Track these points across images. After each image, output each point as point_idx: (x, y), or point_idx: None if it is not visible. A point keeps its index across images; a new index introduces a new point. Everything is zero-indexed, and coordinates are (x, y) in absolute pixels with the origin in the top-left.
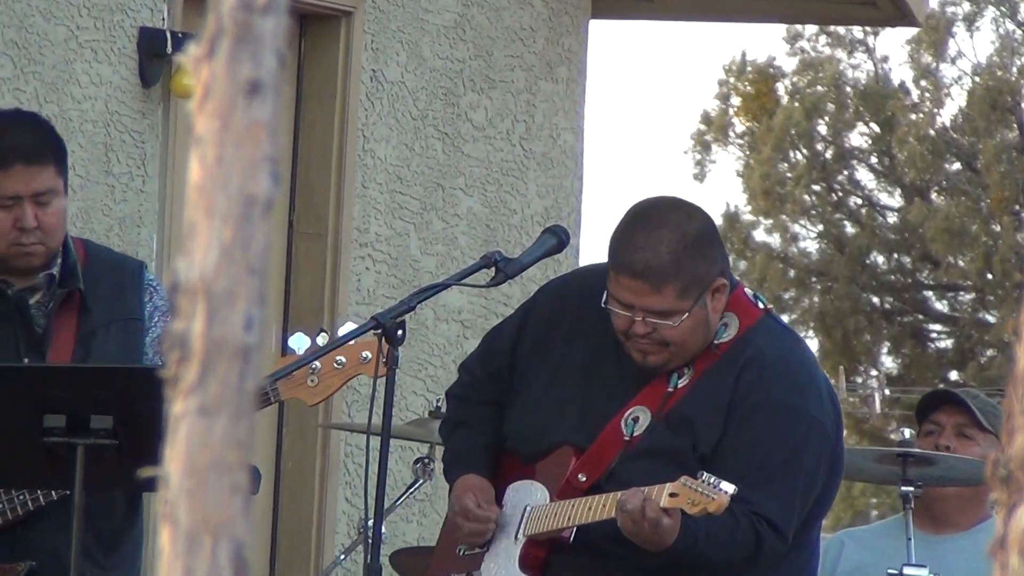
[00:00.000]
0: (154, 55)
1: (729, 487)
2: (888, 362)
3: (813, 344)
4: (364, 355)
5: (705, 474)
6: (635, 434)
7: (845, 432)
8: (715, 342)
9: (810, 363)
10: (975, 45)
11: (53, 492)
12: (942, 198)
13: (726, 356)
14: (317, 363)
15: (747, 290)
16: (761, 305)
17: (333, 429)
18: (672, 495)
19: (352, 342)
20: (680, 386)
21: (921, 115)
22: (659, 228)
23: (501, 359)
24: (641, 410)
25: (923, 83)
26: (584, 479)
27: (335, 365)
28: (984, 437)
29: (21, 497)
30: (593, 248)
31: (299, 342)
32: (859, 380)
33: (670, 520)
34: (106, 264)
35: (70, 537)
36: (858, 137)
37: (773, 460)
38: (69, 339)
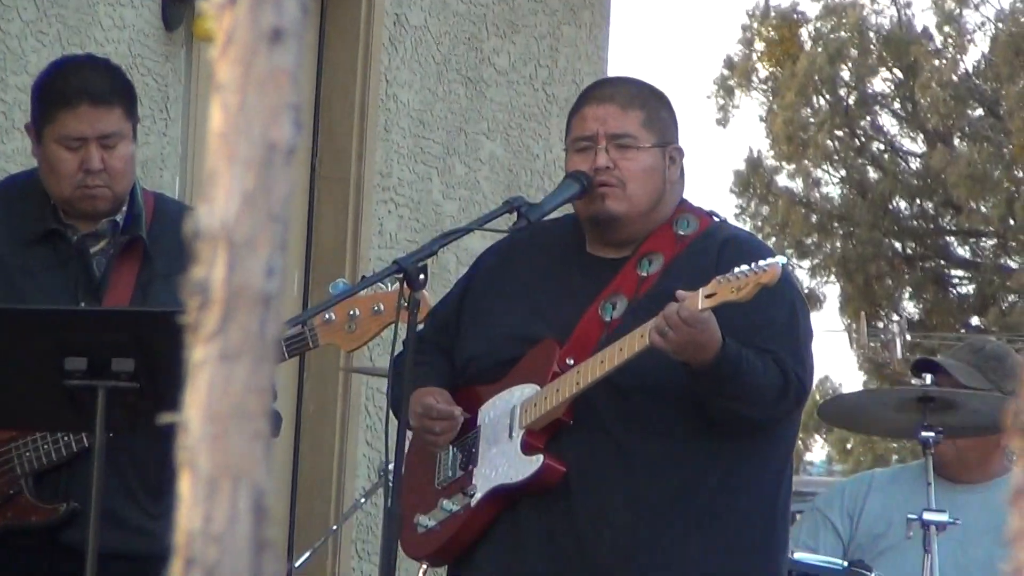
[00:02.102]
0: None
1: (779, 256)
2: (910, 307)
3: (835, 289)
4: (401, 302)
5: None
6: (615, 317)
7: (865, 376)
8: (680, 233)
9: None
10: None
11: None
12: (964, 144)
13: (696, 242)
14: (356, 310)
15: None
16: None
17: (354, 373)
18: (709, 295)
19: (391, 289)
20: (652, 272)
21: (944, 61)
22: (625, 78)
23: (450, 307)
24: (617, 296)
25: (946, 29)
26: (573, 362)
27: (373, 311)
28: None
29: (66, 439)
30: None
31: (339, 289)
32: (880, 325)
33: (711, 315)
34: (174, 216)
35: (114, 480)
36: (881, 83)
37: (777, 317)
38: (128, 286)
